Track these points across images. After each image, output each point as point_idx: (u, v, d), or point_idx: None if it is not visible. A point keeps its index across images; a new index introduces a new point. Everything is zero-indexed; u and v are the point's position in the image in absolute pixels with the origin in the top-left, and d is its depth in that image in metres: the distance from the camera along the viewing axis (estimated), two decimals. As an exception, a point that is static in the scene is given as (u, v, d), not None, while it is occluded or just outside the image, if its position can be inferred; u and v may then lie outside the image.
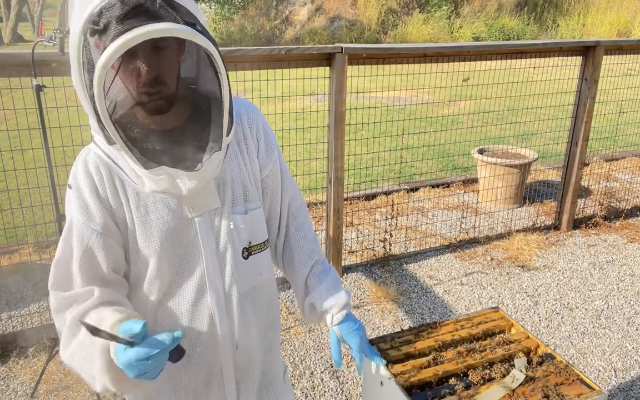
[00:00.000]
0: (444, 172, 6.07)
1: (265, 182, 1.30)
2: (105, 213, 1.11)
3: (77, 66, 0.99)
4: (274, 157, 1.30)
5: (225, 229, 1.19)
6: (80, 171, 1.11)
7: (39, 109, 2.43)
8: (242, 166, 1.23)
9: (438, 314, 3.43)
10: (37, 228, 3.98)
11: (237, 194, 1.21)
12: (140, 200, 1.12)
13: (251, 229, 1.24)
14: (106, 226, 1.11)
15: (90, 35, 0.95)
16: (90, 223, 1.10)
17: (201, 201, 1.15)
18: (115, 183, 1.11)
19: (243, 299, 1.24)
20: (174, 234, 1.15)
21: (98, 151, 1.12)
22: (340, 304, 1.33)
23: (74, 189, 1.11)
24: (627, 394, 2.77)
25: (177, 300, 1.18)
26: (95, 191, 1.10)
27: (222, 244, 1.19)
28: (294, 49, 3.25)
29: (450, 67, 4.15)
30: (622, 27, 16.97)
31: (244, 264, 1.24)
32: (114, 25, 0.93)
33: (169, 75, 1.05)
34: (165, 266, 1.15)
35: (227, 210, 1.19)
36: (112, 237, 1.12)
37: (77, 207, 1.10)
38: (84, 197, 1.10)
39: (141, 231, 1.13)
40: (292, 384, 2.80)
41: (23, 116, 2.97)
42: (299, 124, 5.75)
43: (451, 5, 17.70)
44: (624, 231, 4.65)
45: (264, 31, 17.84)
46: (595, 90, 4.27)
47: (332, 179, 3.54)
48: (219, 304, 1.20)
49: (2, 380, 2.79)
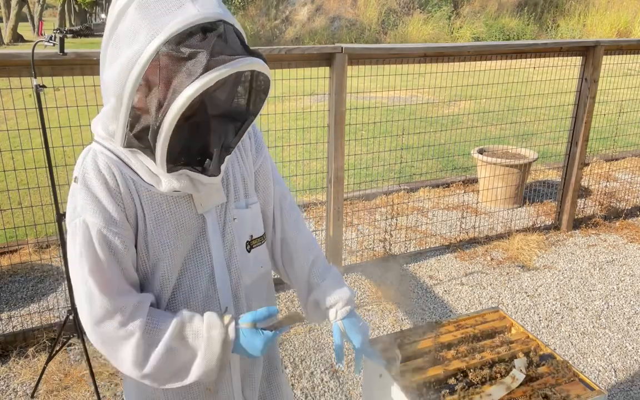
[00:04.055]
0: (444, 172, 6.07)
1: (257, 176, 1.32)
2: (122, 214, 1.09)
3: (136, 76, 0.95)
4: (263, 152, 1.33)
5: (230, 223, 1.22)
6: (92, 174, 1.07)
7: (39, 109, 2.42)
8: (241, 162, 1.27)
9: (438, 314, 3.43)
10: (37, 228, 3.98)
11: (238, 189, 1.25)
12: (154, 199, 1.12)
13: (252, 223, 1.27)
14: (124, 227, 1.09)
15: (169, 57, 0.93)
16: (110, 226, 1.06)
17: (209, 198, 1.18)
18: (128, 183, 1.09)
19: (248, 291, 1.27)
20: (186, 231, 1.16)
21: (104, 151, 1.09)
22: (345, 299, 1.33)
23: (84, 191, 1.06)
24: (627, 394, 2.77)
25: (187, 296, 1.19)
26: (110, 192, 1.07)
27: (228, 238, 1.22)
28: (294, 49, 3.25)
29: (450, 67, 4.15)
30: (622, 27, 16.97)
31: (248, 257, 1.27)
32: (203, 58, 0.91)
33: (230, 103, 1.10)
34: (178, 262, 1.17)
35: (231, 205, 1.22)
36: (129, 237, 1.11)
37: (93, 210, 1.05)
38: (100, 200, 1.06)
39: (154, 230, 1.12)
40: (292, 384, 2.80)
41: (23, 116, 2.97)
42: (299, 124, 5.75)
43: (451, 5, 17.70)
44: (624, 231, 4.65)
45: (264, 31, 17.84)
46: (595, 90, 4.27)
47: (332, 179, 3.54)
48: (227, 297, 1.22)
49: (2, 380, 2.79)
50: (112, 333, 1.07)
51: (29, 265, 3.91)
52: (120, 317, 1.07)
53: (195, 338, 1.10)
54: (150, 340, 1.08)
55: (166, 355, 1.09)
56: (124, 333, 1.07)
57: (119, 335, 1.07)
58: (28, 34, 23.65)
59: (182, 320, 1.11)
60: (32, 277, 3.78)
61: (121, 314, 1.07)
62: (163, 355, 1.09)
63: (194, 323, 1.11)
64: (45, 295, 3.55)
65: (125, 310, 1.08)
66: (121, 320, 1.07)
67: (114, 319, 1.07)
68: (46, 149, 2.50)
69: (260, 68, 1.01)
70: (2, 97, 3.14)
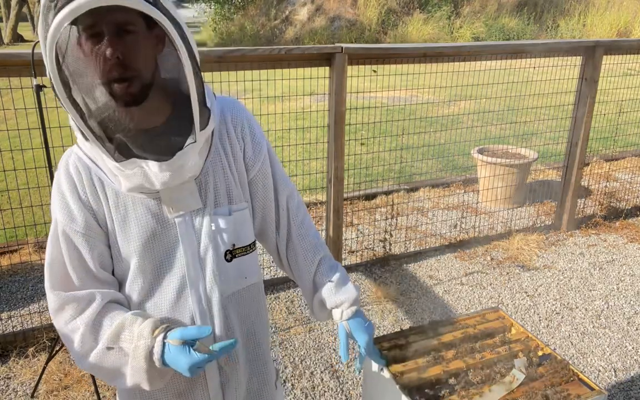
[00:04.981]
0: (444, 172, 6.07)
1: (254, 181, 1.28)
2: (87, 214, 1.12)
3: (42, 49, 0.97)
4: (262, 155, 1.28)
5: (207, 230, 1.18)
6: (62, 173, 1.13)
7: (39, 109, 2.42)
8: (226, 166, 1.21)
9: (438, 314, 3.43)
10: (37, 228, 3.98)
11: (219, 195, 1.20)
12: (120, 200, 1.13)
13: (235, 231, 1.22)
14: (88, 227, 1.12)
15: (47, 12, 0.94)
16: (72, 224, 1.12)
17: (181, 201, 1.15)
18: (95, 183, 1.12)
19: (226, 302, 1.23)
20: (153, 235, 1.15)
21: (79, 152, 1.14)
22: (351, 299, 1.32)
23: (56, 190, 1.13)
24: (627, 394, 2.77)
25: (157, 300, 1.18)
26: (76, 192, 1.12)
27: (203, 245, 1.18)
28: (294, 49, 3.25)
29: (450, 67, 4.15)
30: (622, 27, 16.96)
31: (227, 267, 1.22)
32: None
33: (137, 60, 1.02)
34: (146, 266, 1.16)
35: (209, 211, 1.18)
36: (96, 237, 1.14)
37: (60, 208, 1.12)
38: (66, 199, 1.12)
39: (120, 231, 1.14)
40: (292, 384, 2.80)
41: (23, 116, 2.97)
42: (299, 123, 5.75)
43: (451, 5, 17.69)
44: (624, 231, 4.65)
45: (264, 31, 17.83)
46: (595, 90, 4.27)
47: (332, 179, 3.54)
48: (200, 306, 1.19)
49: (2, 380, 2.79)
50: (62, 326, 1.14)
51: (29, 265, 3.91)
52: (71, 311, 1.12)
53: (129, 342, 1.10)
54: (92, 338, 1.12)
55: (102, 355, 1.12)
56: (71, 327, 1.13)
57: (68, 328, 1.13)
58: (28, 34, 23.63)
59: (123, 324, 1.11)
60: (32, 277, 3.78)
61: (72, 308, 1.12)
62: (100, 355, 1.12)
63: (133, 328, 1.11)
64: (45, 295, 3.55)
65: (78, 304, 1.12)
66: (72, 314, 1.13)
67: (65, 312, 1.13)
68: (46, 149, 2.50)
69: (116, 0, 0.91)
70: (2, 97, 3.14)
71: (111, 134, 1.04)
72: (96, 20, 0.97)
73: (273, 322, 3.32)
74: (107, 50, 0.99)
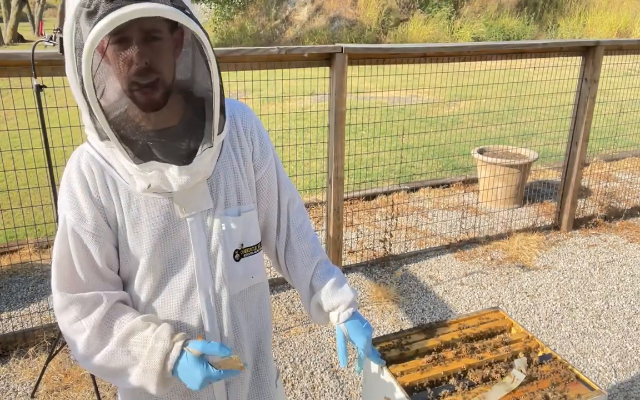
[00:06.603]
0: (444, 172, 6.07)
1: (260, 183, 1.30)
2: (97, 213, 1.12)
3: (70, 52, 0.99)
4: (268, 158, 1.30)
5: (217, 230, 1.19)
6: (73, 170, 1.12)
7: (39, 109, 2.42)
8: (236, 168, 1.23)
9: (438, 314, 3.43)
10: (37, 228, 3.98)
11: (230, 196, 1.21)
12: (132, 200, 1.13)
13: (244, 231, 1.24)
14: (98, 226, 1.12)
15: (83, 18, 0.95)
16: (82, 224, 1.11)
17: (193, 202, 1.16)
18: (107, 182, 1.12)
19: (233, 301, 1.24)
20: (165, 235, 1.15)
21: (91, 150, 1.14)
22: (347, 301, 1.32)
23: (66, 188, 1.12)
24: (627, 394, 2.77)
25: (165, 299, 1.18)
26: (88, 191, 1.11)
27: (213, 244, 1.19)
28: (294, 49, 3.25)
29: (450, 67, 4.15)
30: (622, 27, 16.96)
31: (235, 266, 1.24)
32: (102, 4, 0.93)
33: (162, 66, 1.05)
34: (157, 265, 1.16)
35: (220, 212, 1.20)
36: (105, 237, 1.14)
37: (70, 206, 1.11)
38: (76, 197, 1.11)
39: (132, 231, 1.14)
40: (292, 384, 2.80)
41: (23, 116, 2.97)
42: (299, 124, 5.75)
43: (451, 5, 17.70)
44: (624, 231, 4.65)
45: (264, 31, 17.84)
46: (595, 90, 4.27)
47: (332, 179, 3.54)
48: (208, 305, 1.20)
49: (2, 380, 2.79)
50: (67, 325, 1.13)
51: (29, 265, 3.91)
52: (76, 312, 1.12)
53: (141, 346, 1.10)
54: (98, 340, 1.12)
55: (109, 357, 1.11)
56: (76, 327, 1.12)
57: (73, 328, 1.12)
58: (28, 34, 23.63)
59: (133, 328, 1.11)
60: (32, 277, 3.78)
61: (77, 308, 1.12)
62: (106, 357, 1.11)
63: (146, 332, 1.11)
64: (45, 295, 3.55)
65: (83, 305, 1.12)
66: (76, 315, 1.12)
67: (70, 312, 1.12)
68: (46, 149, 2.50)
69: (157, 12, 0.94)
70: (2, 97, 3.14)
71: (129, 135, 1.05)
72: (127, 26, 0.98)
73: (273, 322, 3.32)
74: (135, 56, 1.00)
